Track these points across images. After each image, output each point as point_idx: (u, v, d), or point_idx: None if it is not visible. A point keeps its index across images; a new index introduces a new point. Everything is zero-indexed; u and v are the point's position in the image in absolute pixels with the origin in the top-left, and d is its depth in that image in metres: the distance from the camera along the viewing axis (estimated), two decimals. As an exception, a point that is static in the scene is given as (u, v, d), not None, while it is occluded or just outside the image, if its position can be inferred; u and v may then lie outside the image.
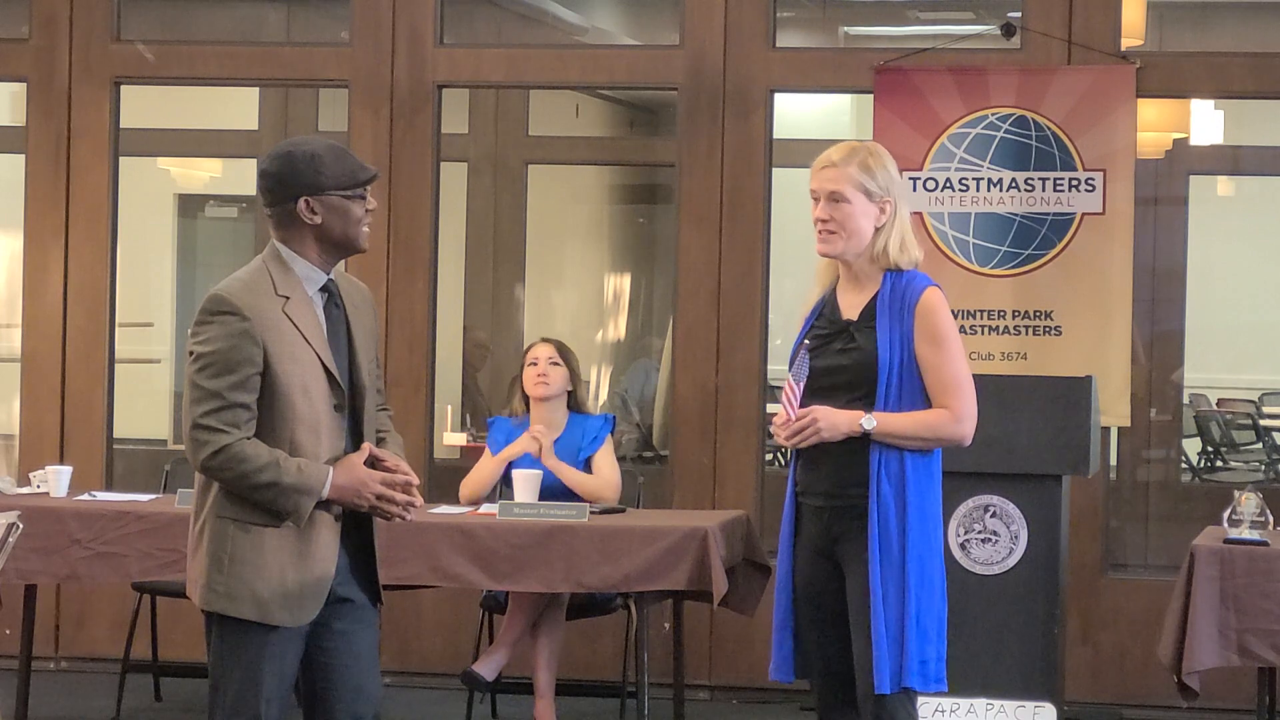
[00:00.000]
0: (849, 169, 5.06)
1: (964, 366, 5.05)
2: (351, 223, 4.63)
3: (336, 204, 4.62)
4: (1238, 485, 8.33)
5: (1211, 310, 12.88)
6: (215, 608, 4.57)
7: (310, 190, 4.60)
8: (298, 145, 4.67)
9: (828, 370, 5.06)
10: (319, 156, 4.62)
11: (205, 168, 13.95)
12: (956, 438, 5.03)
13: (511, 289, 12.68)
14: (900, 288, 5.04)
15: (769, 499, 8.50)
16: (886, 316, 5.02)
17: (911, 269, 5.08)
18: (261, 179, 4.66)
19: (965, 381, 5.03)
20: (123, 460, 9.39)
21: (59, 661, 8.70)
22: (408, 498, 4.66)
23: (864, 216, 5.05)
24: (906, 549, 4.96)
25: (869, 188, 5.05)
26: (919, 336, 5.00)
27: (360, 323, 4.74)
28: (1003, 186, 8.08)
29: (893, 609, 4.95)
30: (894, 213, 5.07)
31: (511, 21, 11.91)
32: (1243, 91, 8.59)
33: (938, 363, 5.00)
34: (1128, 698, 8.10)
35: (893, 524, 4.97)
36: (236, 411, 4.51)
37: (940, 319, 5.01)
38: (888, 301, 5.03)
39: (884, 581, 4.95)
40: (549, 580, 6.95)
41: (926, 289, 5.03)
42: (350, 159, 4.67)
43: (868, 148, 5.13)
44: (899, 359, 4.99)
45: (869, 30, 13.09)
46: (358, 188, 4.63)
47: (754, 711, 8.20)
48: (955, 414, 5.00)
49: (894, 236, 5.05)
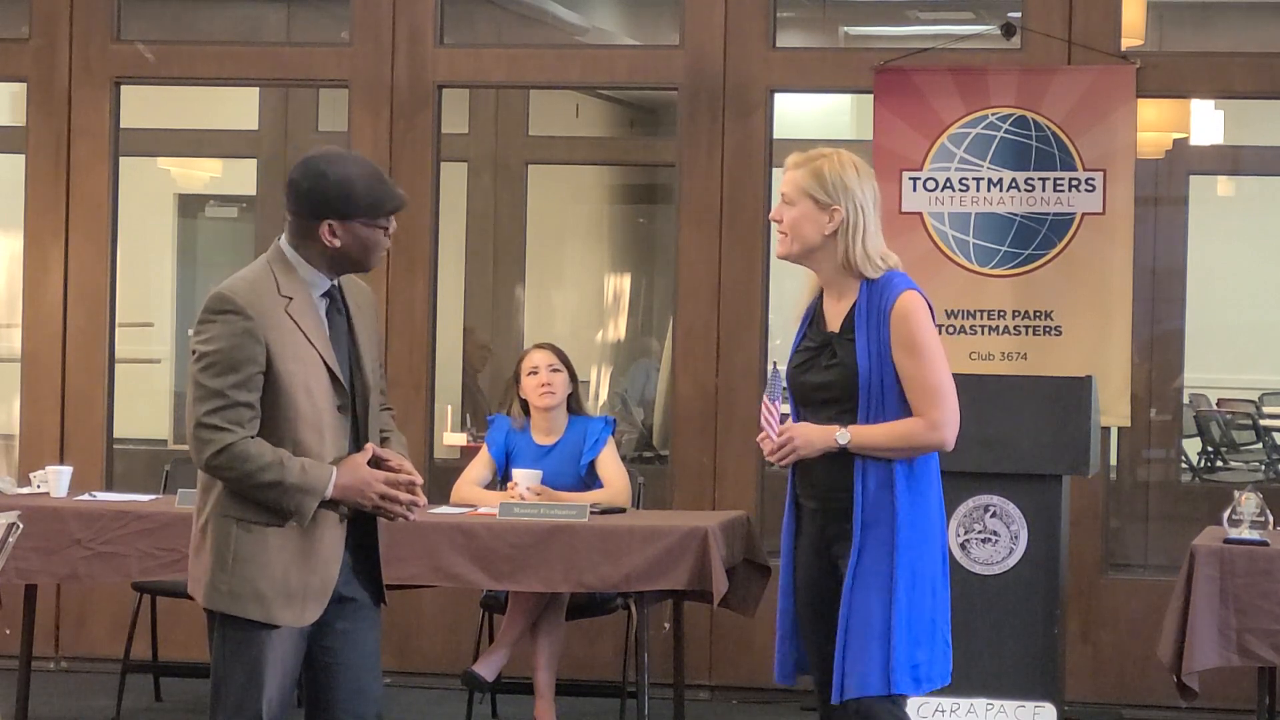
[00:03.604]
0: (798, 173, 5.08)
1: (941, 372, 5.00)
2: (369, 250, 4.60)
3: (360, 231, 4.57)
4: (1238, 485, 8.32)
5: (1211, 310, 12.88)
6: (219, 607, 4.57)
7: (337, 216, 4.55)
8: (333, 165, 4.58)
9: (816, 386, 5.08)
10: (351, 183, 4.54)
11: (205, 168, 13.95)
12: (933, 445, 4.99)
13: (511, 289, 12.68)
14: (876, 296, 5.01)
15: (769, 499, 8.51)
16: (864, 327, 5.00)
17: (888, 274, 5.03)
18: (290, 188, 4.59)
19: (942, 387, 4.98)
20: (123, 460, 9.40)
21: (59, 661, 8.70)
22: (411, 498, 4.65)
23: (808, 221, 5.05)
24: (896, 551, 4.93)
25: (815, 194, 5.04)
26: (894, 344, 4.97)
27: (363, 323, 4.74)
28: (1003, 186, 8.08)
29: (877, 614, 4.93)
30: (850, 220, 5.01)
31: (511, 21, 11.91)
32: (1243, 91, 8.59)
33: (913, 370, 4.97)
34: (1128, 698, 8.10)
35: (882, 526, 4.95)
36: (240, 410, 4.50)
37: (914, 324, 4.97)
38: (864, 311, 5.01)
39: (866, 587, 4.93)
40: (549, 580, 6.95)
41: (900, 295, 4.99)
42: (383, 187, 4.59)
43: (830, 155, 5.09)
44: (878, 370, 4.98)
45: (869, 30, 13.09)
46: (381, 218, 4.61)
47: (754, 711, 8.20)
48: (930, 422, 4.95)
49: (855, 245, 5.01)
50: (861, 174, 5.08)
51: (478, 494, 7.47)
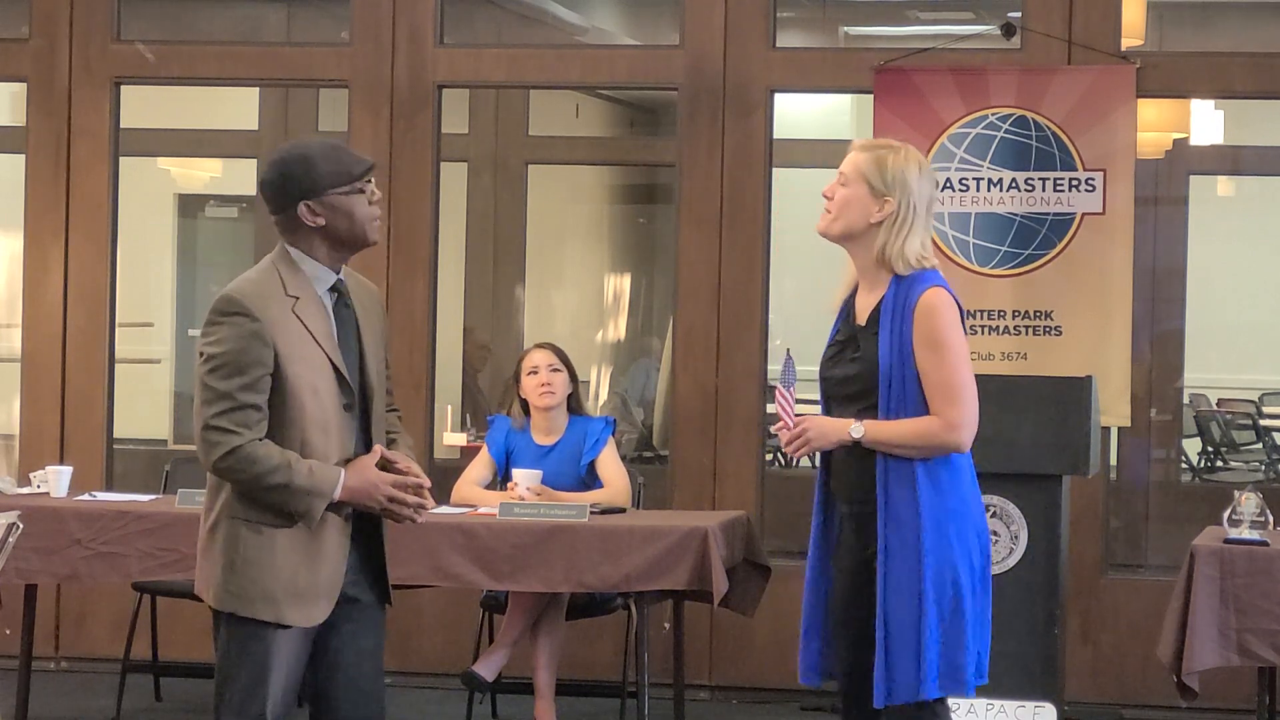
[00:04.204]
0: (861, 156, 5.04)
1: (963, 371, 4.94)
2: (356, 219, 4.62)
3: (337, 203, 4.60)
4: (1238, 485, 8.31)
5: (1211, 310, 12.89)
6: (229, 608, 4.57)
7: (308, 193, 4.58)
8: (289, 150, 4.66)
9: (841, 380, 5.05)
10: (310, 158, 4.59)
11: (205, 168, 13.97)
12: (950, 446, 4.92)
13: (511, 289, 12.69)
14: (903, 291, 4.95)
15: (769, 499, 8.51)
16: (888, 322, 4.94)
17: (919, 271, 4.97)
18: (261, 189, 4.65)
19: (963, 388, 4.92)
20: (123, 460, 9.40)
21: (59, 661, 8.70)
22: (419, 500, 4.66)
23: (857, 205, 5.00)
24: (922, 553, 4.87)
25: (872, 180, 4.99)
26: (916, 340, 4.92)
27: (369, 323, 4.74)
28: (1003, 186, 8.08)
29: (907, 619, 4.87)
30: (899, 215, 4.97)
31: (511, 21, 11.92)
32: (1243, 91, 8.59)
33: (933, 368, 4.91)
34: (1128, 698, 8.10)
35: (905, 528, 4.89)
36: (248, 413, 4.50)
37: (938, 322, 4.91)
38: (890, 306, 4.96)
39: (898, 590, 4.87)
40: (549, 580, 6.95)
41: (926, 290, 4.94)
42: (343, 155, 4.64)
43: (899, 148, 5.06)
44: (899, 365, 4.92)
45: (869, 30, 13.11)
46: (354, 182, 4.62)
47: (754, 711, 8.20)
48: (947, 422, 4.89)
49: (896, 240, 4.97)
50: (923, 174, 5.03)
51: (478, 494, 7.47)
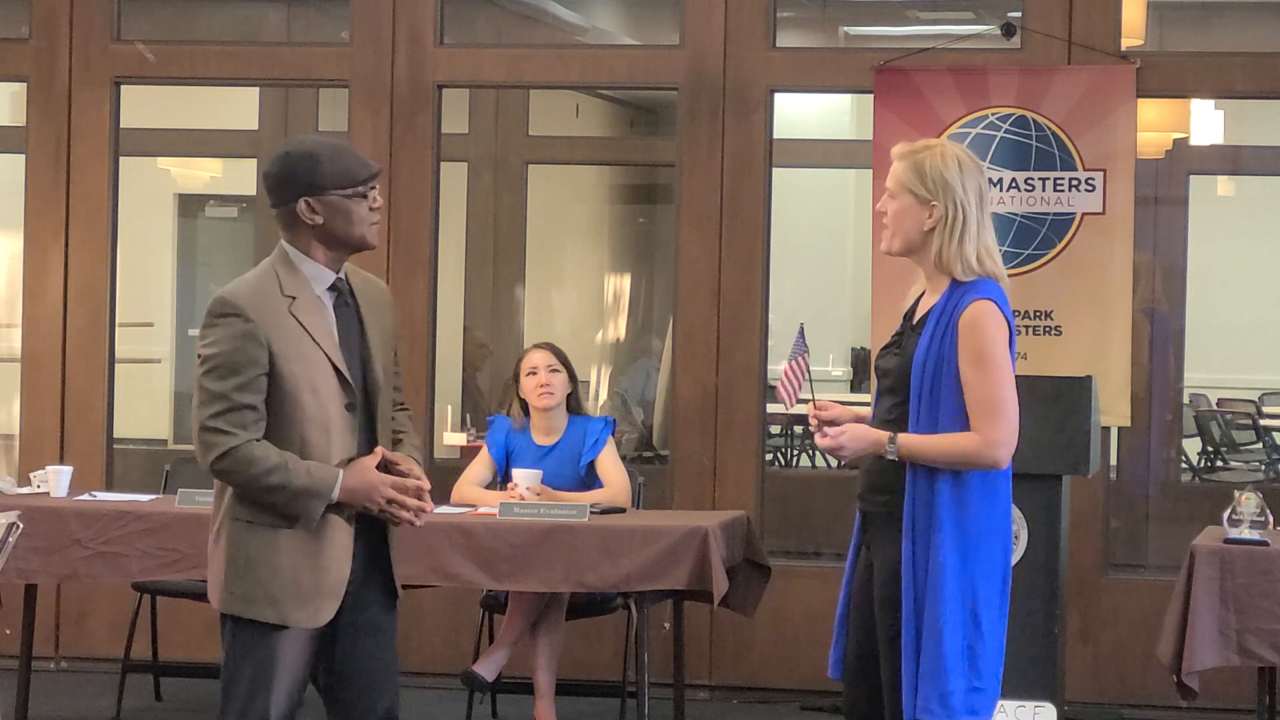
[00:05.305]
0: (900, 165, 4.92)
1: (1004, 388, 4.81)
2: (355, 222, 4.61)
3: (337, 204, 4.60)
4: (1238, 485, 8.31)
5: (1211, 310, 12.89)
6: (234, 610, 4.57)
7: (309, 191, 4.58)
8: (296, 146, 4.66)
9: (883, 372, 5.00)
10: (316, 156, 4.60)
11: (205, 168, 13.97)
12: (987, 463, 4.81)
13: (511, 289, 12.69)
14: (954, 299, 4.84)
15: (769, 499, 8.52)
16: (933, 326, 4.85)
17: (976, 280, 4.85)
18: (264, 181, 4.66)
19: (1004, 404, 4.79)
20: (123, 460, 9.39)
21: (59, 661, 8.70)
22: (419, 503, 4.65)
23: (909, 216, 4.89)
24: (938, 570, 4.79)
25: (914, 189, 4.87)
26: (960, 352, 4.81)
27: (376, 322, 4.74)
28: (1003, 186, 8.07)
29: (911, 636, 4.82)
30: (950, 218, 4.85)
31: (511, 21, 11.92)
32: (1243, 91, 8.59)
33: (974, 382, 4.80)
34: (1128, 698, 8.10)
35: (921, 542, 4.82)
36: (244, 413, 4.50)
37: (982, 335, 4.79)
38: (939, 311, 4.86)
39: (918, 600, 4.81)
40: (549, 580, 6.95)
41: (974, 303, 4.81)
42: (349, 157, 4.64)
43: (934, 147, 4.93)
44: (933, 369, 4.83)
45: (869, 30, 13.12)
46: (357, 186, 4.62)
47: (754, 711, 8.20)
48: (986, 439, 4.79)
49: (950, 243, 4.84)
50: (964, 170, 4.88)
51: (478, 494, 7.47)
